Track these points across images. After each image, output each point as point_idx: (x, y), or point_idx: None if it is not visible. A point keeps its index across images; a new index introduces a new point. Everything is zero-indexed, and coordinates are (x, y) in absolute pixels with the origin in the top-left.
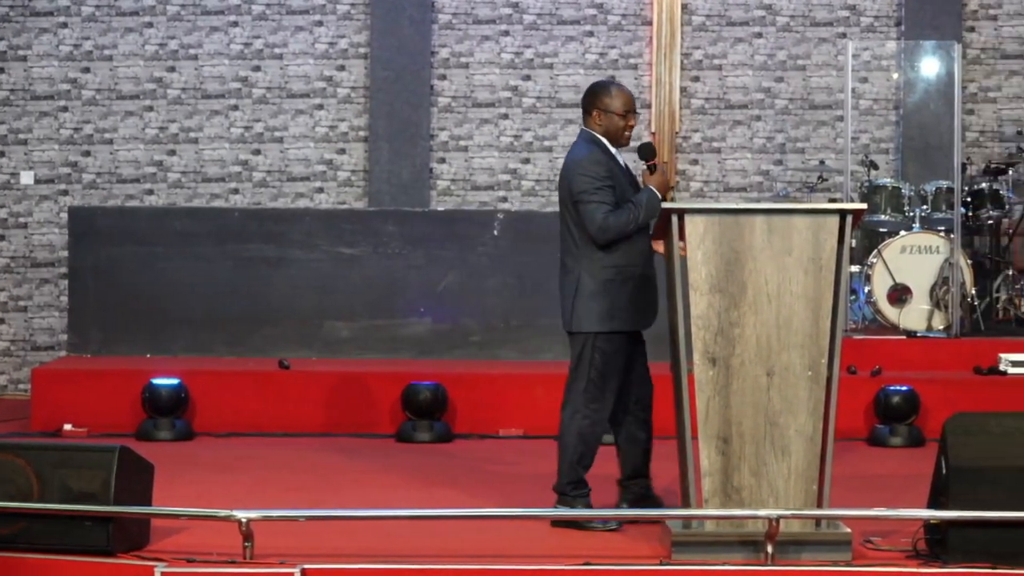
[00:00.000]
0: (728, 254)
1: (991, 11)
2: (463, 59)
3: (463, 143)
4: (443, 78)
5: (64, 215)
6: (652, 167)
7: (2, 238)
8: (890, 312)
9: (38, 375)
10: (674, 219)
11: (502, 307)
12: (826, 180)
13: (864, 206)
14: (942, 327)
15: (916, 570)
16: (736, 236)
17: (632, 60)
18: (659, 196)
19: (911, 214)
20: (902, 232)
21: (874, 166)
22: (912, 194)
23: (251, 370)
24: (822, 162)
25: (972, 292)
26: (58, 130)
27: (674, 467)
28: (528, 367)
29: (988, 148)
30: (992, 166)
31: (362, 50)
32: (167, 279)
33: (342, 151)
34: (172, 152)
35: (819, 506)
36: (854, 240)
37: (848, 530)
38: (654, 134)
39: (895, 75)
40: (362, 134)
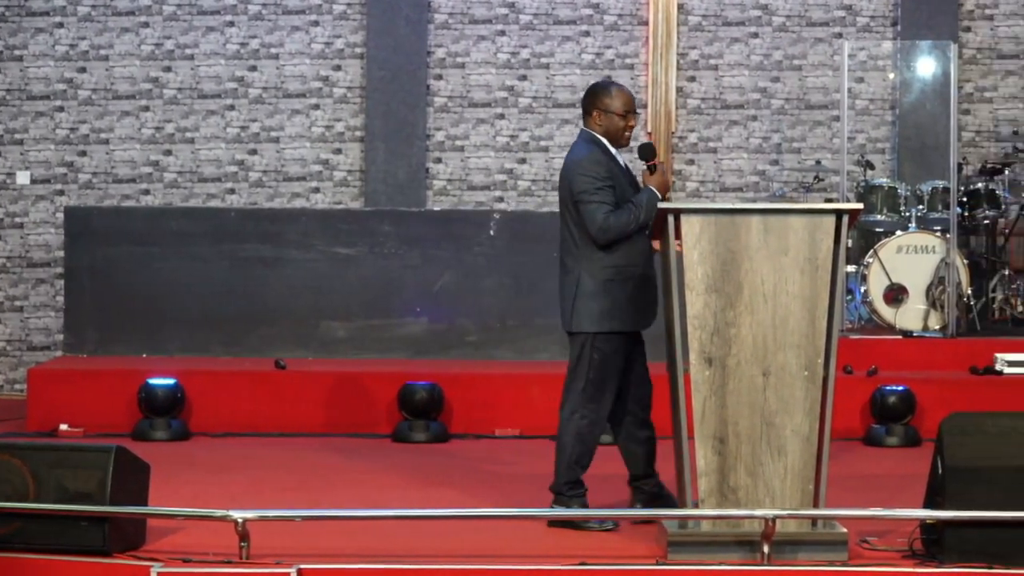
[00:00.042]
0: (724, 254)
1: (987, 11)
2: (459, 59)
3: (459, 143)
4: (439, 78)
5: (60, 215)
6: (652, 167)
7: None
8: (886, 312)
9: (34, 375)
10: (670, 219)
11: (498, 307)
12: (822, 180)
13: (860, 206)
14: (938, 327)
15: (912, 570)
16: (732, 236)
17: (628, 60)
18: (659, 196)
19: (907, 214)
20: (898, 232)
21: (870, 166)
22: (908, 194)
23: (247, 370)
24: (818, 162)
25: (968, 292)
26: (54, 130)
27: (670, 467)
28: (524, 367)
29: (984, 148)
30: (988, 166)
31: (358, 50)
32: (163, 279)
33: (338, 151)
34: (168, 152)
35: (815, 506)
36: (850, 240)
37: (844, 530)
38: (650, 134)
39: (891, 75)
40: (358, 134)
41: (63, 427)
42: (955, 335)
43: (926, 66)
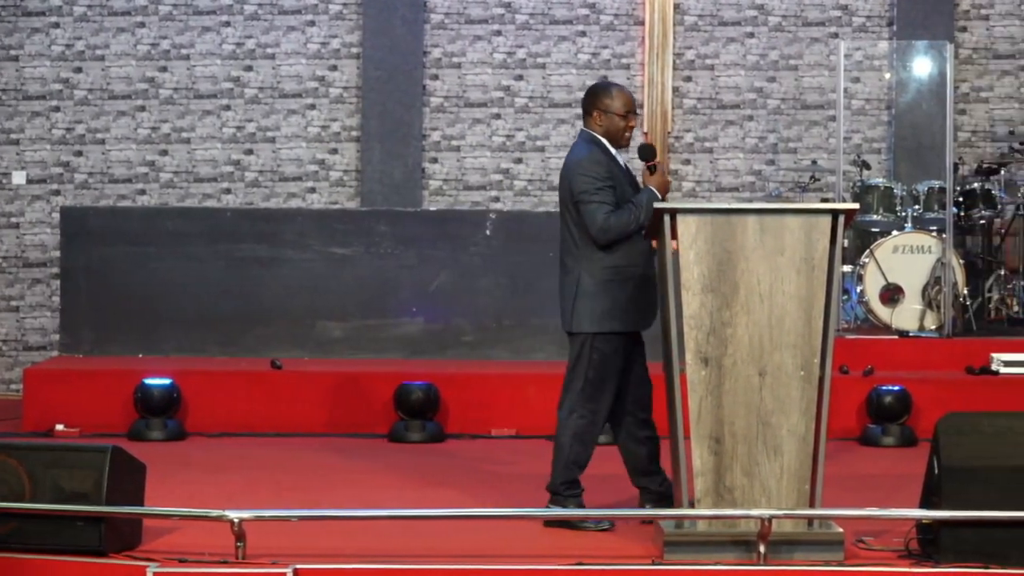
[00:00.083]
0: (720, 254)
1: (983, 11)
2: (455, 59)
3: (455, 143)
4: (435, 78)
5: (56, 215)
6: (652, 167)
7: None
8: (882, 312)
9: (30, 375)
10: (666, 219)
11: (494, 307)
12: (818, 180)
13: (856, 206)
14: (934, 327)
15: (908, 570)
16: (728, 236)
17: (624, 60)
18: (659, 196)
19: (903, 214)
20: (894, 232)
21: (866, 166)
22: (904, 194)
23: (243, 370)
24: (814, 162)
25: (964, 292)
26: (50, 130)
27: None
28: (520, 367)
29: (980, 148)
30: (984, 166)
31: (354, 50)
32: (159, 279)
33: (334, 151)
34: (164, 152)
35: (811, 506)
36: (846, 240)
37: (840, 530)
38: (646, 134)
39: (887, 75)
40: (354, 134)
41: (59, 427)
42: (951, 335)
43: (922, 66)
